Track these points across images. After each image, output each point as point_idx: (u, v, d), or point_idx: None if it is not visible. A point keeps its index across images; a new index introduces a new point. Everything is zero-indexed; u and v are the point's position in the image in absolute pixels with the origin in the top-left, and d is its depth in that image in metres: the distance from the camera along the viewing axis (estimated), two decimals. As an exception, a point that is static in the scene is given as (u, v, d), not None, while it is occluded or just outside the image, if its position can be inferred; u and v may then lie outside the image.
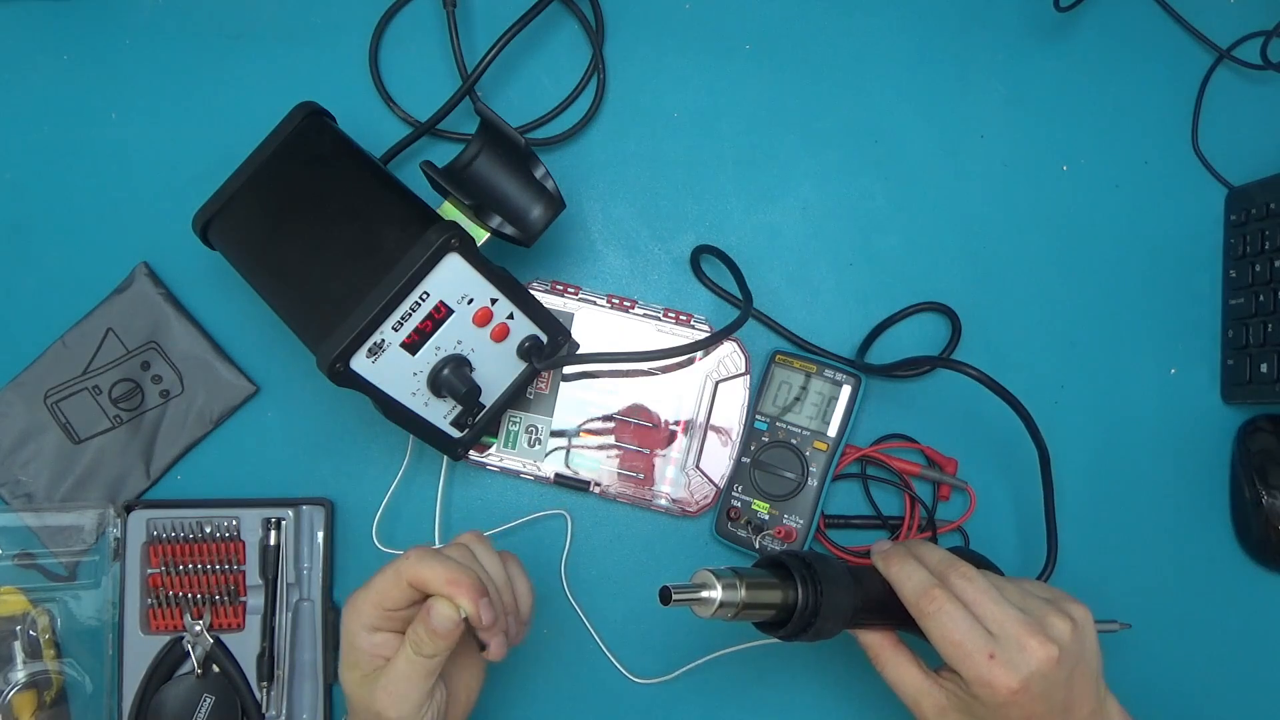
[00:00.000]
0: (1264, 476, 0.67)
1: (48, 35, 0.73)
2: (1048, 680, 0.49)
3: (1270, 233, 0.67)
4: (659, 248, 0.71)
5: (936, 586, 0.52)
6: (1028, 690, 0.49)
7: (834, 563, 0.53)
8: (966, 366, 0.60)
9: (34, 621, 0.67)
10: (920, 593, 0.52)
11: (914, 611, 0.52)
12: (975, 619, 0.51)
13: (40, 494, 0.68)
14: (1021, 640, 0.49)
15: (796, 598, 0.51)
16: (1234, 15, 0.72)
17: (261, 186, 0.61)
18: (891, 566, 0.54)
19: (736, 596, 0.49)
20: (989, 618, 0.50)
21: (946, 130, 0.72)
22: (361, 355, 0.55)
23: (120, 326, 0.69)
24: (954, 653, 0.50)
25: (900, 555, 0.54)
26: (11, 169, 0.72)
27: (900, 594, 0.53)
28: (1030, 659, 0.49)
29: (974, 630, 0.50)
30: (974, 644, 0.50)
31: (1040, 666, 0.49)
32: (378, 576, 0.52)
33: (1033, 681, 0.49)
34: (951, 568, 0.53)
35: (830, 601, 0.51)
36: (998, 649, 0.49)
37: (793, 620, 0.51)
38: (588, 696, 0.68)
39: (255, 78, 0.72)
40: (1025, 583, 0.55)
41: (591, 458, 0.68)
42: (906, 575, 0.53)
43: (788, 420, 0.67)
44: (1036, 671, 0.49)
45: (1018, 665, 0.49)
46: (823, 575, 0.51)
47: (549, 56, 0.72)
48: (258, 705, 0.67)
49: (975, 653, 0.50)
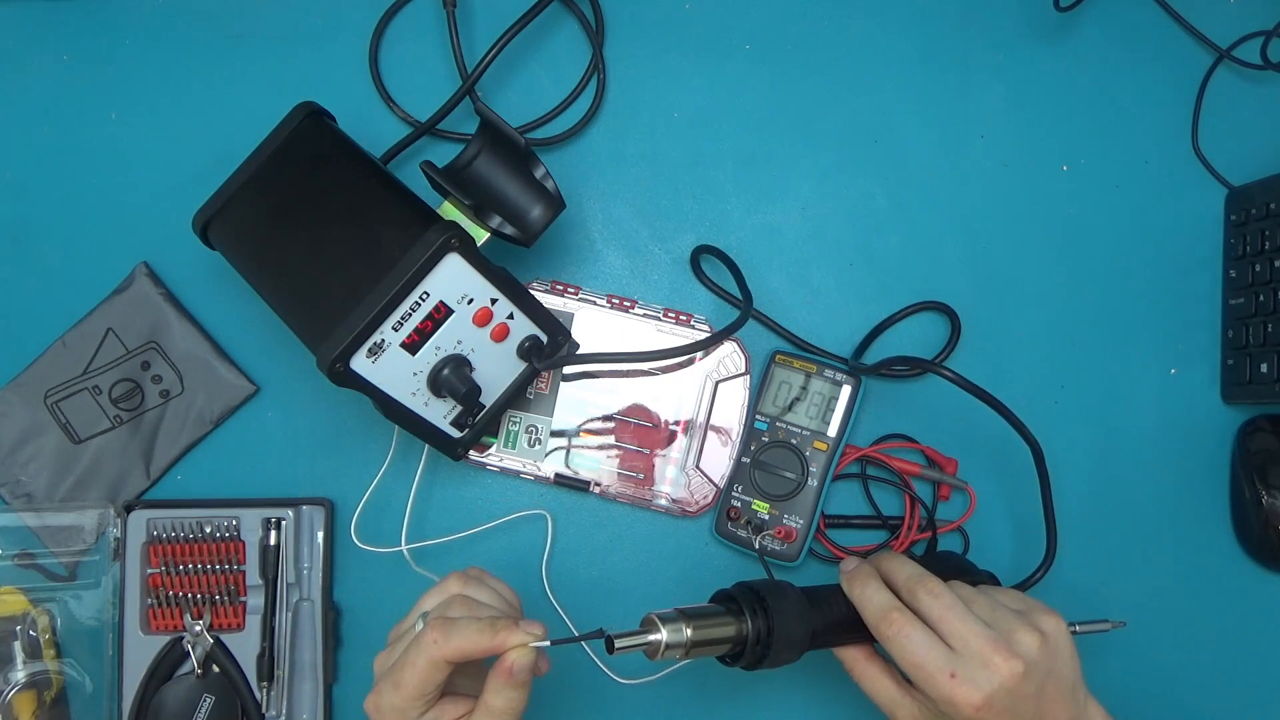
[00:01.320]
0: (1264, 476, 0.67)
1: (48, 35, 0.73)
2: (1013, 695, 0.50)
3: (1270, 233, 0.67)
4: (659, 248, 0.71)
5: (895, 610, 0.52)
6: (991, 706, 0.49)
7: (788, 592, 0.54)
8: (946, 370, 0.60)
9: (34, 621, 0.67)
10: (880, 617, 0.52)
11: (876, 635, 0.53)
12: (936, 638, 0.51)
13: (40, 494, 0.68)
14: (985, 656, 0.50)
15: (747, 630, 0.51)
16: (1234, 15, 0.72)
17: (261, 186, 0.61)
18: (854, 589, 0.55)
19: (682, 637, 0.50)
20: (953, 634, 0.51)
21: (946, 130, 0.72)
22: (361, 355, 0.55)
23: (120, 326, 0.69)
24: (917, 674, 0.51)
25: (863, 577, 0.55)
26: (11, 169, 0.72)
27: (863, 617, 0.54)
28: (994, 676, 0.49)
29: (934, 650, 0.51)
30: (935, 664, 0.50)
31: (1005, 682, 0.49)
32: (407, 671, 0.48)
33: (996, 698, 0.49)
34: (920, 584, 0.53)
35: (782, 631, 0.52)
36: (959, 667, 0.50)
37: (746, 653, 0.52)
38: (573, 696, 0.68)
39: (255, 78, 0.72)
40: (999, 593, 0.56)
41: (591, 458, 0.68)
42: (868, 598, 0.54)
43: (788, 420, 0.67)
44: (1001, 688, 0.49)
45: (980, 683, 0.49)
46: (773, 606, 0.52)
47: (549, 56, 0.72)
48: (258, 705, 0.67)
49: (936, 673, 0.50)
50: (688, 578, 0.69)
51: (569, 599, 0.68)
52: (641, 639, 0.49)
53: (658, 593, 0.69)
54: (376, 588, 0.69)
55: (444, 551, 0.69)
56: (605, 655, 0.67)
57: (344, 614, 0.69)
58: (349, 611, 0.69)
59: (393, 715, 0.49)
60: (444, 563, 0.69)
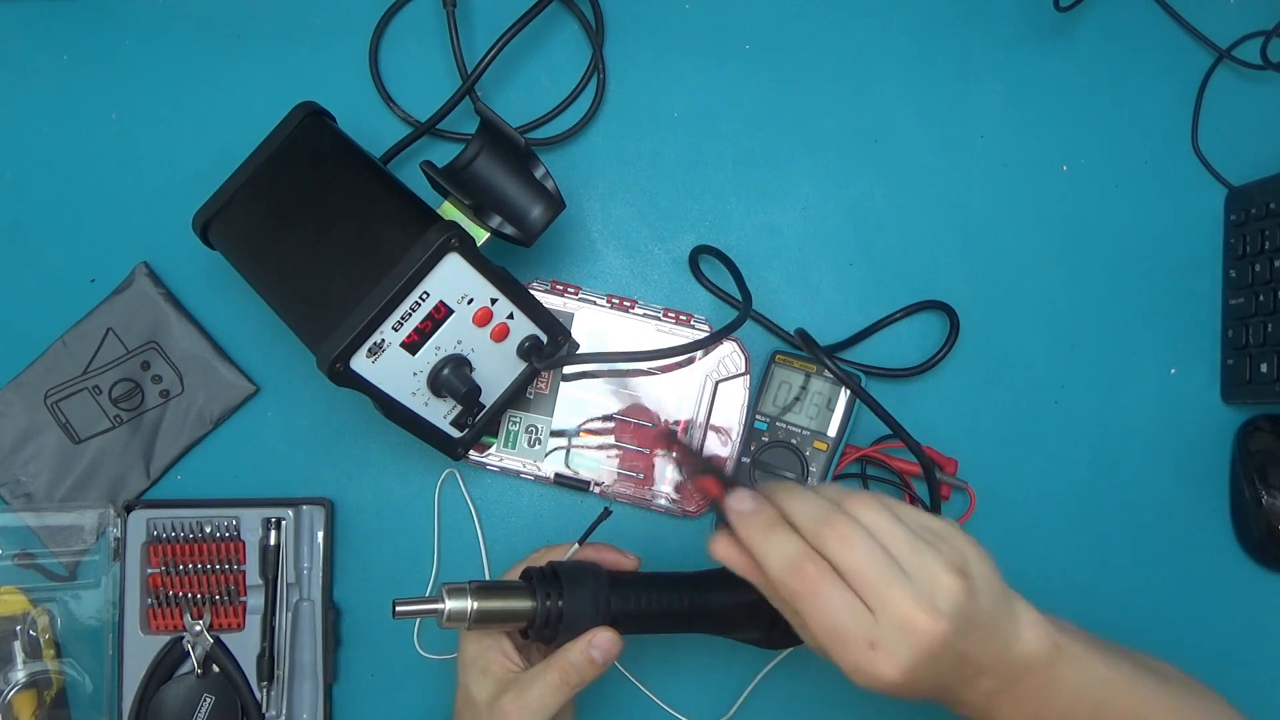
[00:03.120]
0: (1264, 476, 0.67)
1: (48, 35, 0.73)
2: (935, 658, 0.43)
3: (1270, 233, 0.67)
4: (659, 248, 0.71)
5: (809, 560, 0.44)
6: (911, 675, 0.43)
7: (588, 577, 0.54)
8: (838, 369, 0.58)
9: (34, 621, 0.67)
10: (788, 569, 0.44)
11: (783, 593, 0.45)
12: (855, 597, 0.43)
13: (40, 494, 0.68)
14: (907, 618, 0.42)
15: (538, 610, 0.52)
16: (1234, 15, 0.72)
17: (261, 186, 0.61)
18: (756, 541, 0.45)
19: (465, 608, 0.51)
20: (870, 591, 0.43)
21: (946, 130, 0.72)
22: (361, 355, 0.55)
23: (120, 326, 0.69)
24: (831, 641, 0.44)
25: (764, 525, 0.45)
26: (11, 169, 0.72)
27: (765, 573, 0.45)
28: (917, 642, 0.43)
29: (854, 613, 0.43)
30: (854, 630, 0.43)
31: (929, 647, 0.43)
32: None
33: (917, 667, 0.43)
34: (828, 525, 0.44)
35: (571, 614, 0.52)
36: (879, 636, 0.43)
37: (534, 628, 0.53)
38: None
39: (255, 78, 0.72)
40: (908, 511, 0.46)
41: (591, 458, 0.68)
42: (772, 548, 0.45)
43: (788, 420, 0.67)
44: (924, 653, 0.43)
45: (900, 654, 0.43)
46: (568, 588, 0.53)
47: (549, 56, 0.72)
48: (258, 705, 0.67)
49: (853, 641, 0.43)
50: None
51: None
52: (423, 606, 0.51)
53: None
54: (377, 588, 0.69)
55: (445, 551, 0.69)
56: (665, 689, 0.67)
57: (344, 614, 0.69)
58: (349, 611, 0.69)
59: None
60: (446, 563, 0.69)
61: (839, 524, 0.44)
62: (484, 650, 0.54)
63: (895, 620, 0.43)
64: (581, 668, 0.52)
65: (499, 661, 0.54)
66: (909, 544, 0.44)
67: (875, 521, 0.44)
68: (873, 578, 0.43)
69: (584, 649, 0.52)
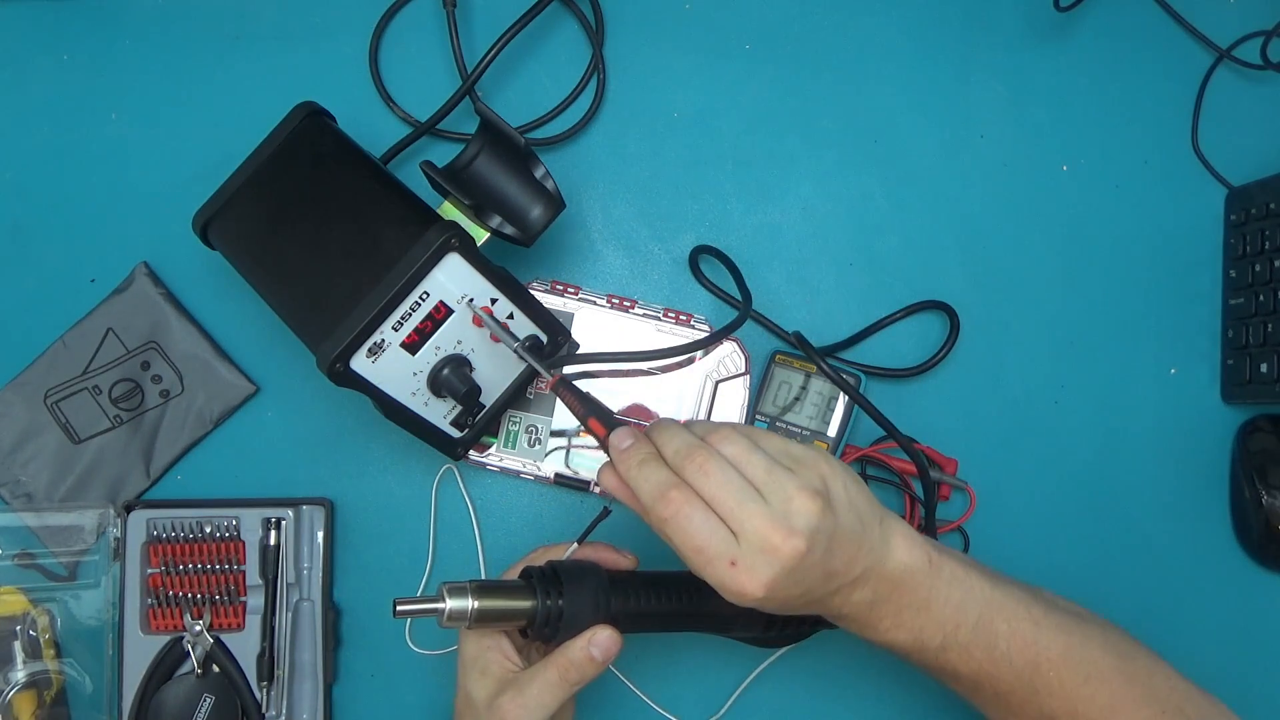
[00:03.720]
0: (1264, 476, 0.67)
1: (48, 35, 0.73)
2: (796, 573, 0.47)
3: (1270, 233, 0.67)
4: (659, 248, 0.71)
5: (674, 488, 0.47)
6: (774, 592, 0.46)
7: (588, 576, 0.54)
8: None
9: (34, 621, 0.67)
10: (656, 497, 0.47)
11: (652, 520, 0.49)
12: (717, 519, 0.47)
13: (40, 494, 0.68)
14: (764, 538, 0.46)
15: (538, 609, 0.52)
16: (1234, 15, 0.72)
17: (261, 186, 0.61)
18: (630, 474, 0.49)
19: (466, 607, 0.51)
20: (730, 515, 0.47)
21: (946, 130, 0.72)
22: (361, 355, 0.55)
23: (120, 326, 0.69)
24: (696, 559, 0.47)
25: (639, 459, 0.49)
26: (11, 169, 0.72)
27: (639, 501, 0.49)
28: (774, 560, 0.46)
29: (715, 534, 0.47)
30: (715, 550, 0.46)
31: (786, 564, 0.46)
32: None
33: (779, 582, 0.46)
34: (688, 457, 0.48)
35: (571, 613, 0.52)
36: (739, 554, 0.46)
37: (535, 627, 0.53)
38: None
39: (255, 78, 0.72)
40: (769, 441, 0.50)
41: (592, 458, 0.68)
42: (643, 479, 0.48)
43: (788, 420, 0.67)
44: (782, 570, 0.46)
45: (760, 570, 0.46)
46: (569, 588, 0.53)
47: (549, 56, 0.72)
48: (258, 705, 0.67)
49: (716, 559, 0.46)
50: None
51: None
52: (424, 605, 0.51)
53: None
54: (377, 588, 0.69)
55: (446, 551, 0.69)
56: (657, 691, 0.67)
57: (344, 614, 0.69)
58: (349, 611, 0.69)
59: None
60: (446, 563, 0.69)
61: (699, 455, 0.48)
62: (483, 650, 0.54)
63: (753, 540, 0.46)
64: (581, 666, 0.52)
65: (498, 661, 0.54)
66: (766, 469, 0.48)
67: (735, 452, 0.48)
68: (730, 502, 0.47)
69: (584, 647, 0.52)
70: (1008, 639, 0.51)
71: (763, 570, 0.46)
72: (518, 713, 0.51)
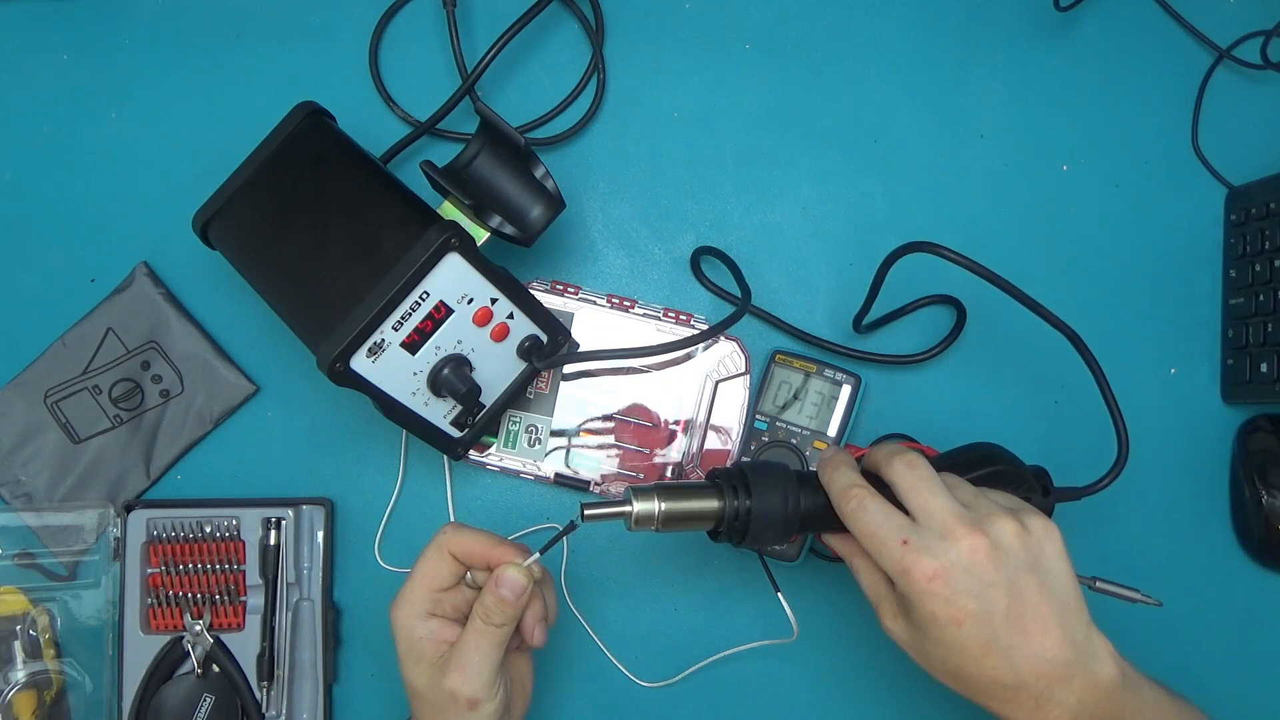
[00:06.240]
0: (1264, 476, 0.67)
1: (48, 35, 0.73)
2: (975, 576, 0.44)
3: (1270, 233, 0.67)
4: (659, 248, 0.71)
5: (857, 485, 0.49)
6: (947, 580, 0.44)
7: (774, 472, 0.52)
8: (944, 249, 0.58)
9: (34, 621, 0.67)
10: (841, 493, 0.49)
11: (840, 514, 0.49)
12: (896, 510, 0.47)
13: (40, 494, 0.68)
14: (946, 527, 0.45)
15: (726, 508, 0.52)
16: (1234, 15, 0.72)
17: (261, 186, 0.61)
18: (825, 473, 0.51)
19: (654, 509, 0.51)
20: (918, 507, 0.47)
21: (946, 130, 0.72)
22: (361, 355, 0.55)
23: (120, 326, 0.69)
24: (871, 544, 0.47)
25: (835, 461, 0.52)
26: (11, 169, 0.72)
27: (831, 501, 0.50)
28: (951, 547, 0.45)
29: (891, 519, 0.47)
30: (889, 531, 0.46)
31: (963, 557, 0.44)
32: (420, 562, 0.55)
33: (953, 573, 0.44)
34: (899, 454, 0.49)
35: (760, 511, 0.51)
36: (914, 535, 0.46)
37: (724, 528, 0.52)
38: (596, 701, 0.68)
39: (255, 78, 0.72)
40: (993, 493, 0.50)
41: (591, 457, 0.68)
42: (835, 479, 0.50)
43: (787, 419, 0.67)
44: (958, 562, 0.44)
45: (935, 551, 0.45)
46: (755, 485, 0.51)
47: (549, 56, 0.72)
48: (258, 705, 0.67)
49: (889, 539, 0.46)
50: (689, 576, 0.69)
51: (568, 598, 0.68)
52: (612, 509, 0.51)
53: (658, 591, 0.69)
54: (376, 587, 0.69)
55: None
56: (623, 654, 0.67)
57: (344, 614, 0.69)
58: (349, 611, 0.69)
59: (402, 606, 0.54)
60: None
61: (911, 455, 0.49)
62: (414, 642, 0.54)
63: (934, 526, 0.46)
64: (498, 608, 0.52)
65: (431, 646, 0.53)
66: (975, 493, 0.49)
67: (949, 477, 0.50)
68: (924, 494, 0.47)
69: (492, 589, 0.52)
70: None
71: (938, 551, 0.45)
72: (465, 682, 0.52)
